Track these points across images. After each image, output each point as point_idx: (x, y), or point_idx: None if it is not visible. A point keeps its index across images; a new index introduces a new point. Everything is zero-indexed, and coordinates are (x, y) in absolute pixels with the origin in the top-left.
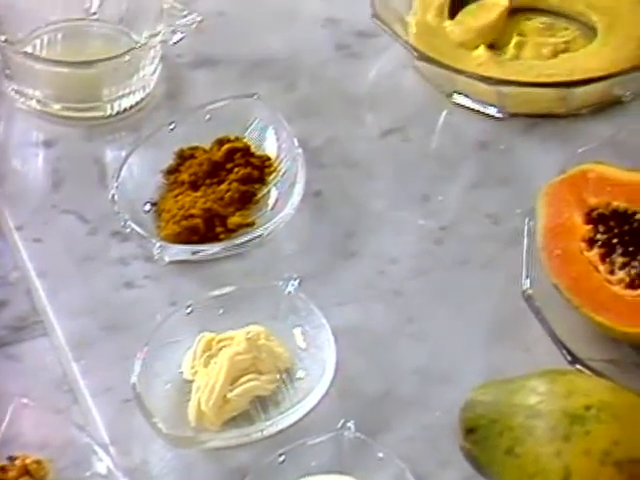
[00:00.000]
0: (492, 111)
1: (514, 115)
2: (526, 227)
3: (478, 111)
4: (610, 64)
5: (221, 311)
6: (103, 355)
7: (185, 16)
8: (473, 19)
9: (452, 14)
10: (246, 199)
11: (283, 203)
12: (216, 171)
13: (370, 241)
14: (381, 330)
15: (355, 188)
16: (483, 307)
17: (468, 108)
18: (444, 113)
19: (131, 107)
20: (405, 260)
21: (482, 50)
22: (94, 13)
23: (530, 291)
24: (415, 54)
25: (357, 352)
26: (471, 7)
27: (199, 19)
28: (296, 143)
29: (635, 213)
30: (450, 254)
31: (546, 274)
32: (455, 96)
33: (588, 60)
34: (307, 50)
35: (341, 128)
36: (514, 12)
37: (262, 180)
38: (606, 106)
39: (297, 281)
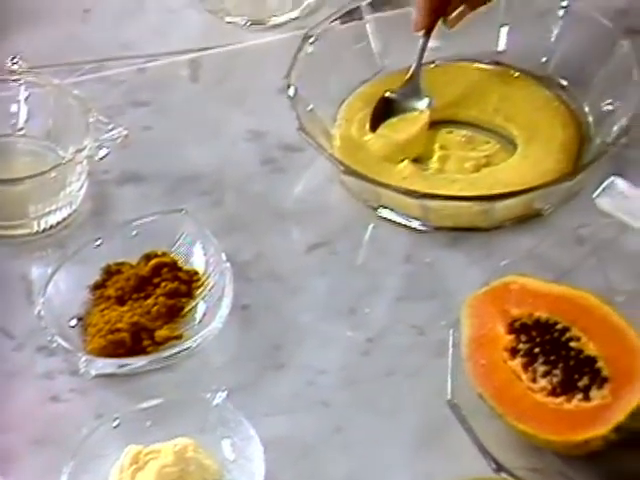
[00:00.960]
0: (417, 224)
1: (438, 228)
2: (451, 338)
3: (403, 225)
4: (530, 178)
5: (149, 423)
6: (30, 470)
7: (111, 130)
8: (395, 133)
9: (375, 127)
10: (174, 313)
11: (211, 316)
12: (143, 286)
13: (298, 353)
14: (310, 441)
15: (283, 301)
16: (410, 416)
17: (394, 222)
18: (370, 227)
19: (57, 224)
20: (333, 371)
21: (406, 164)
22: (21, 129)
23: (455, 400)
24: (341, 168)
25: (286, 463)
26: (392, 121)
27: (125, 133)
28: (224, 257)
29: (556, 323)
30: (377, 365)
31: (471, 383)
32: (381, 210)
33: (509, 174)
34: (233, 164)
35: (268, 242)
36: (436, 125)
37: (190, 294)
38: (527, 219)
39: (225, 393)
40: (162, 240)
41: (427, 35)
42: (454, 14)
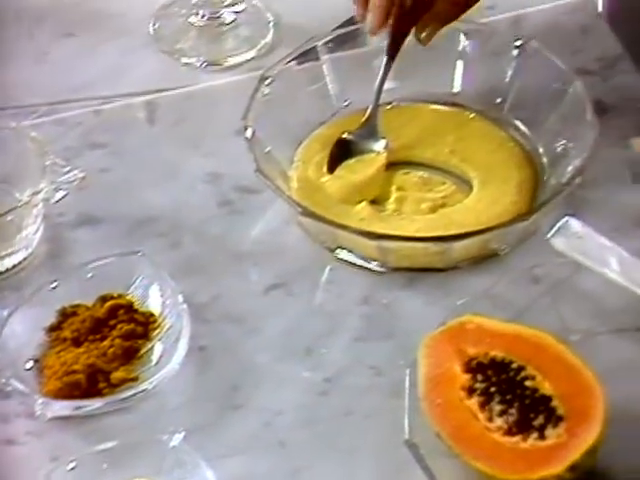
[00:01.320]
0: (374, 265)
1: (396, 269)
2: (408, 378)
3: (361, 266)
4: (486, 218)
5: (105, 466)
6: None
7: (67, 173)
8: (352, 174)
9: (332, 169)
10: (130, 354)
11: (168, 358)
12: (99, 327)
13: (256, 394)
14: None
15: (240, 342)
16: (368, 456)
17: (351, 263)
18: (328, 268)
19: (14, 266)
20: (290, 412)
21: (364, 205)
22: None
23: (413, 440)
24: (298, 210)
25: None
26: (350, 162)
27: (81, 175)
28: (181, 299)
29: (512, 362)
30: (335, 405)
31: (428, 423)
32: (338, 251)
33: (465, 215)
34: (190, 206)
35: (226, 284)
36: (393, 166)
37: (146, 336)
38: (483, 259)
39: (182, 434)
40: (118, 282)
41: (391, 61)
42: (425, 33)
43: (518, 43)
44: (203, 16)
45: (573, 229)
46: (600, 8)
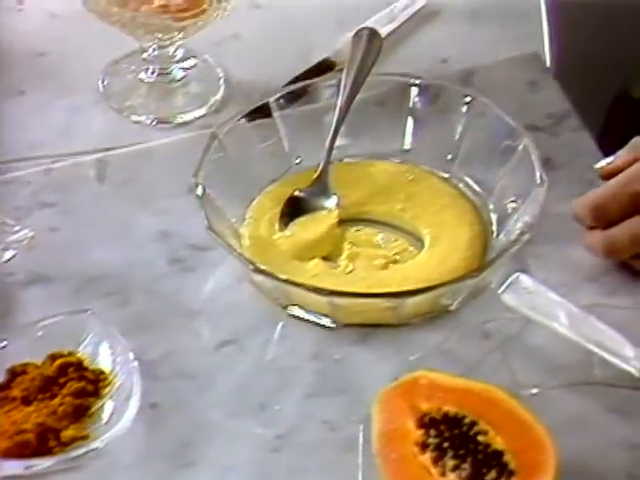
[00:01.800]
0: (327, 322)
1: (348, 325)
2: (361, 433)
3: (313, 322)
4: (437, 275)
5: None
6: None
7: (17, 232)
8: (304, 231)
9: (284, 226)
10: (80, 412)
11: (119, 416)
12: (49, 386)
13: (207, 450)
14: None
15: (192, 399)
16: None
17: (303, 319)
18: (280, 324)
19: None
20: (243, 468)
21: (316, 262)
22: None
23: None
24: (250, 267)
25: None
26: (301, 219)
27: (31, 235)
28: (131, 356)
29: (464, 417)
30: (288, 461)
31: (383, 479)
32: (290, 307)
33: (417, 271)
34: (141, 264)
35: (177, 340)
36: (345, 223)
37: (96, 393)
38: (435, 314)
39: None
40: (68, 340)
41: (342, 117)
42: None
43: (467, 99)
44: (153, 72)
45: (523, 285)
46: (548, 63)
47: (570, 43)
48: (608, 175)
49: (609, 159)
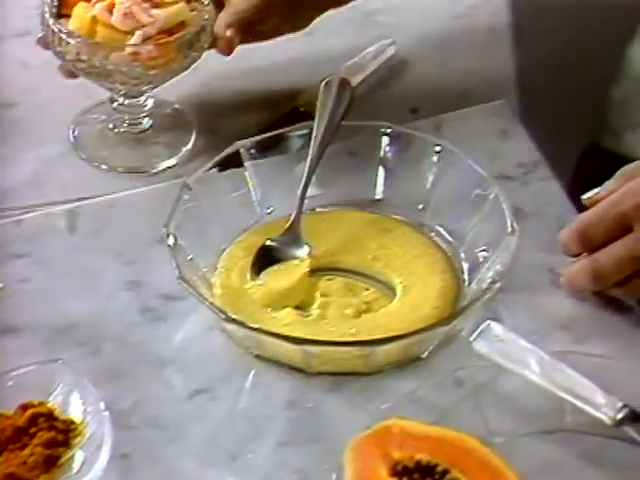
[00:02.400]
0: (299, 370)
1: (320, 373)
2: None
3: (285, 370)
4: (409, 323)
5: None
6: None
7: None
8: (276, 281)
9: (255, 275)
10: (50, 462)
11: (89, 466)
12: (19, 436)
13: None
14: None
15: (163, 449)
16: None
17: (275, 368)
18: (252, 373)
19: None
20: None
21: (288, 311)
22: None
23: None
24: (221, 316)
25: None
26: (273, 269)
27: (1, 285)
28: (102, 406)
29: (437, 465)
30: None
31: None
32: (262, 356)
33: (388, 319)
34: (112, 314)
35: (149, 390)
36: (317, 272)
37: (67, 443)
38: (407, 362)
39: None
40: (39, 390)
41: (313, 167)
42: None
43: (438, 149)
44: (123, 122)
45: (495, 332)
46: (518, 113)
47: (540, 93)
48: (594, 205)
49: (596, 190)
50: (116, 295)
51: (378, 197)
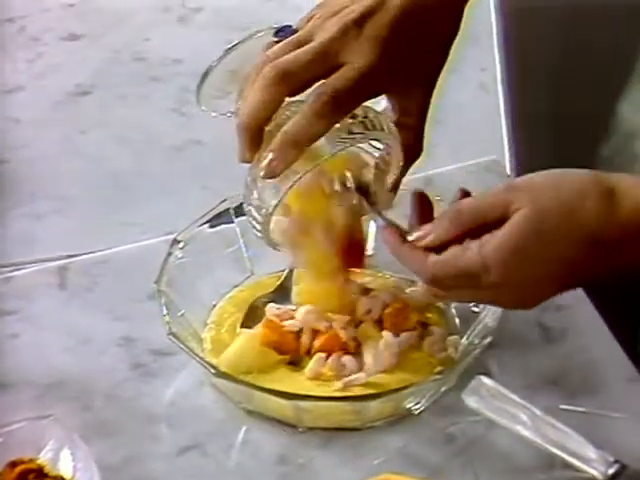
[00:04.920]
0: (290, 425)
1: (311, 429)
2: None
3: (277, 426)
4: (401, 379)
5: None
6: None
7: None
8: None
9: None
10: None
11: None
12: None
13: None
14: None
15: None
16: None
17: (266, 423)
18: (243, 429)
19: None
20: None
21: (280, 366)
22: None
23: None
24: (212, 371)
25: None
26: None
27: None
28: (92, 462)
29: None
30: None
31: None
32: (253, 411)
33: (379, 375)
34: (102, 370)
35: (139, 446)
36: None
37: None
38: (399, 418)
39: None
40: (29, 446)
41: None
42: None
43: None
44: None
45: (486, 387)
46: (508, 170)
47: (530, 150)
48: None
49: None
50: (107, 351)
51: (369, 253)
